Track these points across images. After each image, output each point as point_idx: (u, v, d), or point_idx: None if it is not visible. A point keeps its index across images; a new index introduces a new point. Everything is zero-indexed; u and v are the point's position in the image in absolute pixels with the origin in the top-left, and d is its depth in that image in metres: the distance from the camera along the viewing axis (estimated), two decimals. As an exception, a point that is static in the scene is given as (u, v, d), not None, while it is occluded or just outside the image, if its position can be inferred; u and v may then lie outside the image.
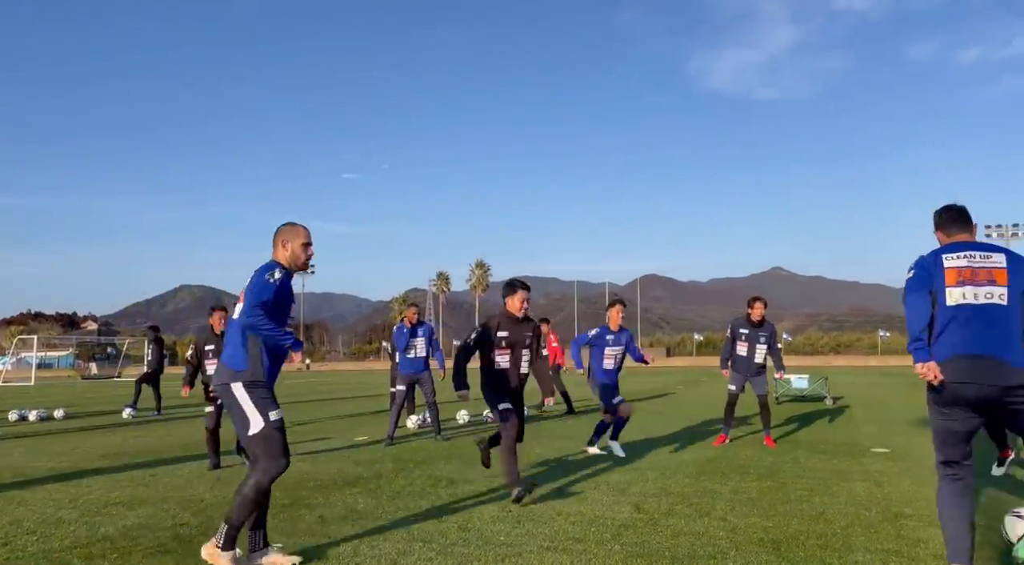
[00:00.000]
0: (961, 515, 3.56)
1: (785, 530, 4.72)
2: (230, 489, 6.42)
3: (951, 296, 3.57)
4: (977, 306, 3.54)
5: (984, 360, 3.47)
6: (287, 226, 4.37)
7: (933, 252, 3.79)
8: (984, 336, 3.51)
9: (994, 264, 3.61)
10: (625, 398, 8.44)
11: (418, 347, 9.82)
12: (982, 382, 3.46)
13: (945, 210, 3.97)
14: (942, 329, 3.57)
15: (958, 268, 3.60)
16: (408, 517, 5.25)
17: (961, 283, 3.57)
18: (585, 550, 4.32)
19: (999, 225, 70.29)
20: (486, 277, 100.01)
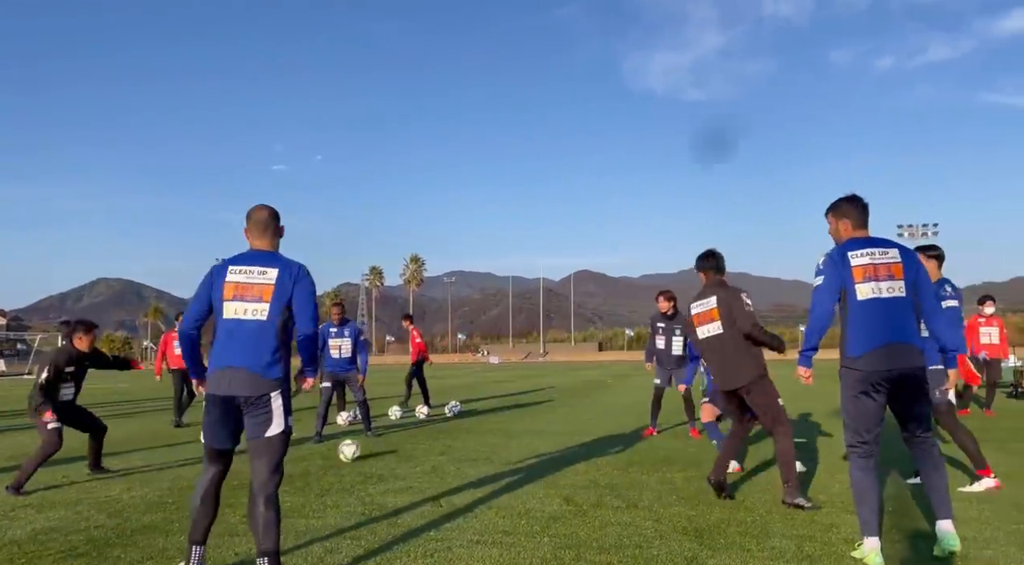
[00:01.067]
0: (875, 490, 3.87)
1: (707, 518, 4.88)
2: (148, 490, 6.19)
3: (860, 292, 3.90)
4: (883, 300, 3.87)
5: (897, 346, 3.84)
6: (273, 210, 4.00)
7: (839, 251, 4.03)
8: (893, 326, 3.85)
9: (891, 259, 3.95)
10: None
11: (343, 347, 9.66)
12: (896, 365, 3.82)
13: (854, 203, 4.13)
14: (856, 323, 3.89)
15: (863, 266, 3.92)
16: (336, 514, 5.18)
17: (866, 279, 3.90)
18: (515, 543, 4.36)
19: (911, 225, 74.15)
20: (420, 272, 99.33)
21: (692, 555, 4.07)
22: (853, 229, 4.10)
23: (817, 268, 4.06)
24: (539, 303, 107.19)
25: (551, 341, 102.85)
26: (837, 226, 4.17)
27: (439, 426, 10.78)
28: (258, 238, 3.86)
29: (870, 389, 3.84)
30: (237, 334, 3.64)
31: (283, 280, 3.71)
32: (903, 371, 3.83)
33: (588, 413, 12.55)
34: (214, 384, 3.66)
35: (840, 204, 4.17)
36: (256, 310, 3.66)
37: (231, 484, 6.30)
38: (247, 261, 3.76)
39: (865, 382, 3.84)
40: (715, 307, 4.05)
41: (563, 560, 4.02)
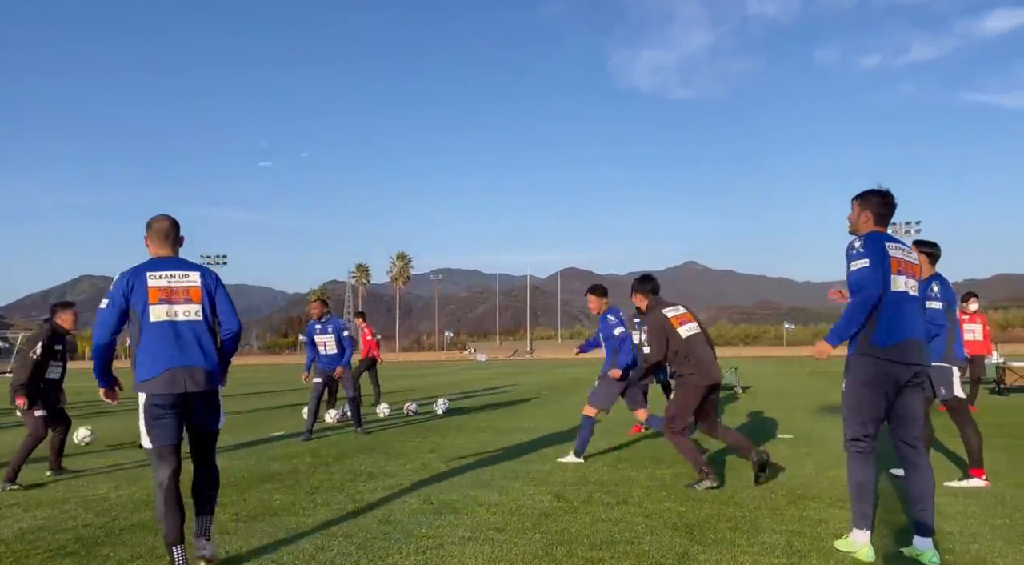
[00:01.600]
0: (873, 486, 3.89)
1: (697, 514, 4.91)
2: (135, 488, 6.15)
3: (896, 283, 3.89)
4: (909, 295, 3.94)
5: (917, 342, 3.90)
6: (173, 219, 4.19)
7: (881, 238, 3.95)
8: (915, 322, 3.92)
9: (914, 260, 4.07)
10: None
11: (327, 343, 9.57)
12: (915, 361, 3.86)
13: (887, 198, 4.07)
14: (887, 312, 3.85)
15: (896, 259, 3.93)
16: (326, 512, 5.16)
17: (899, 272, 3.92)
18: (506, 540, 4.37)
19: (894, 223, 74.51)
20: (407, 269, 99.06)
21: (683, 550, 4.09)
22: (874, 225, 4.07)
23: (857, 251, 3.90)
24: (526, 300, 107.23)
25: (538, 338, 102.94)
26: (859, 216, 4.11)
27: (428, 424, 10.77)
28: (160, 246, 4.05)
29: (886, 381, 3.81)
30: (183, 335, 3.86)
31: (206, 282, 4.00)
32: (918, 369, 3.87)
33: (576, 410, 12.57)
34: (165, 384, 3.80)
35: (870, 196, 4.09)
36: (189, 311, 3.90)
37: (220, 483, 6.28)
38: (165, 267, 3.96)
39: (884, 373, 3.80)
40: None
41: (555, 556, 4.03)
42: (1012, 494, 5.34)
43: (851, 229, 4.18)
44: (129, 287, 3.86)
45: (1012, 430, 8.92)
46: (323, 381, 9.61)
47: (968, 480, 5.69)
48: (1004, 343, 47.90)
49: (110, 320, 3.87)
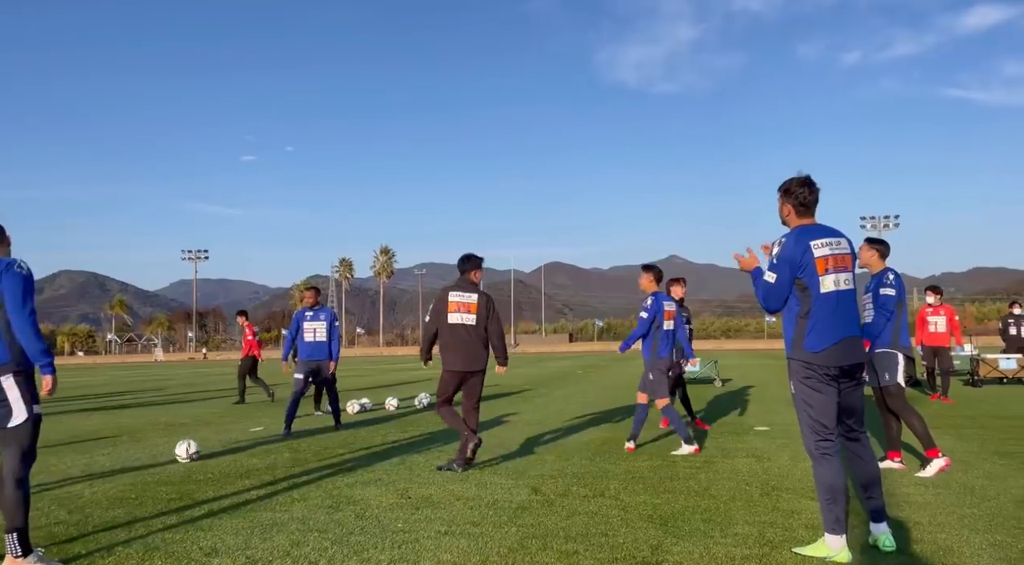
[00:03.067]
0: (844, 486, 3.74)
1: (673, 506, 4.95)
2: (111, 485, 6.10)
3: (824, 284, 3.81)
4: (840, 293, 3.86)
5: (852, 340, 3.86)
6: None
7: (799, 239, 3.84)
8: (848, 320, 3.87)
9: (844, 251, 3.93)
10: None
11: (317, 330, 9.45)
12: (851, 360, 3.84)
13: (809, 186, 3.94)
14: (817, 317, 3.80)
15: (824, 257, 3.83)
16: (303, 507, 5.15)
17: (828, 272, 3.83)
18: (482, 533, 4.38)
19: (872, 216, 75.59)
20: (391, 264, 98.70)
21: (657, 542, 4.13)
22: (799, 216, 3.97)
23: (771, 261, 3.87)
24: (510, 294, 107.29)
25: (522, 333, 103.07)
26: (783, 211, 4.03)
27: (408, 418, 10.76)
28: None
29: (829, 382, 3.80)
30: None
31: None
32: (855, 365, 3.87)
33: (558, 403, 12.63)
34: None
35: (791, 187, 3.97)
36: None
37: (197, 479, 6.25)
38: None
39: (823, 375, 3.79)
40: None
41: (530, 549, 4.05)
42: (982, 484, 5.43)
43: (785, 223, 4.07)
44: None
45: (984, 421, 9.08)
46: (306, 375, 9.47)
47: (929, 465, 5.80)
48: (980, 336, 48.57)
49: None
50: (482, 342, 6.55)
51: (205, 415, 12.22)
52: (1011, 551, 3.85)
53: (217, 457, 7.49)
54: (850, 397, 3.91)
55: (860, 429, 3.98)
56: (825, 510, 3.78)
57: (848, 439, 3.95)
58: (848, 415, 3.93)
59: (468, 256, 6.76)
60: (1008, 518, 4.48)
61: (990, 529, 4.25)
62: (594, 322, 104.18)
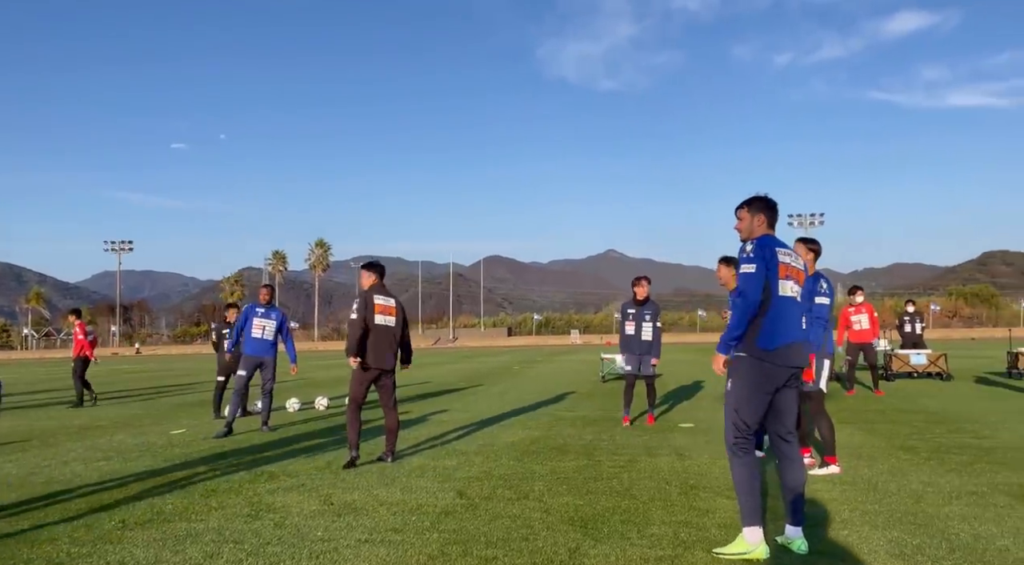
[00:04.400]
0: (759, 482, 4.01)
1: (594, 508, 5.04)
2: (16, 494, 5.81)
3: (783, 288, 4.06)
4: (794, 300, 4.11)
5: (800, 345, 4.09)
6: None
7: (770, 244, 4.09)
8: (798, 325, 4.11)
9: (799, 266, 4.25)
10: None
11: (267, 327, 9.45)
12: (797, 363, 4.06)
13: (771, 204, 4.28)
14: (773, 317, 3.99)
15: (785, 264, 4.10)
16: (220, 516, 5.02)
17: (787, 277, 4.08)
18: (403, 540, 4.37)
19: (799, 214, 78.30)
20: (327, 257, 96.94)
21: (575, 546, 4.19)
22: (767, 228, 4.24)
23: (747, 255, 4.05)
24: (449, 288, 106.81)
25: (461, 326, 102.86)
26: (752, 222, 4.25)
27: (339, 419, 10.60)
28: None
29: (769, 382, 3.96)
30: None
31: None
32: (798, 369, 4.08)
33: (491, 401, 12.66)
34: None
35: (759, 203, 4.28)
36: None
37: (110, 487, 6.01)
38: None
39: (768, 375, 3.95)
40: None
41: (450, 556, 4.06)
42: (884, 480, 5.72)
43: (744, 236, 4.27)
44: None
45: (893, 416, 9.54)
46: (249, 371, 9.40)
47: (826, 468, 6.05)
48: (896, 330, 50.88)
49: None
50: (397, 344, 7.04)
51: (124, 416, 11.77)
52: (906, 547, 4.06)
53: (134, 462, 7.22)
54: (785, 400, 4.09)
55: (792, 431, 4.15)
56: (743, 503, 3.96)
57: (781, 440, 4.12)
58: (782, 416, 4.10)
59: (380, 263, 7.25)
60: (906, 514, 4.72)
61: (888, 525, 4.48)
62: (532, 316, 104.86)
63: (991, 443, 7.24)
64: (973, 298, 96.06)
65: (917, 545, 4.09)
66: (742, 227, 4.31)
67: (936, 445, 7.21)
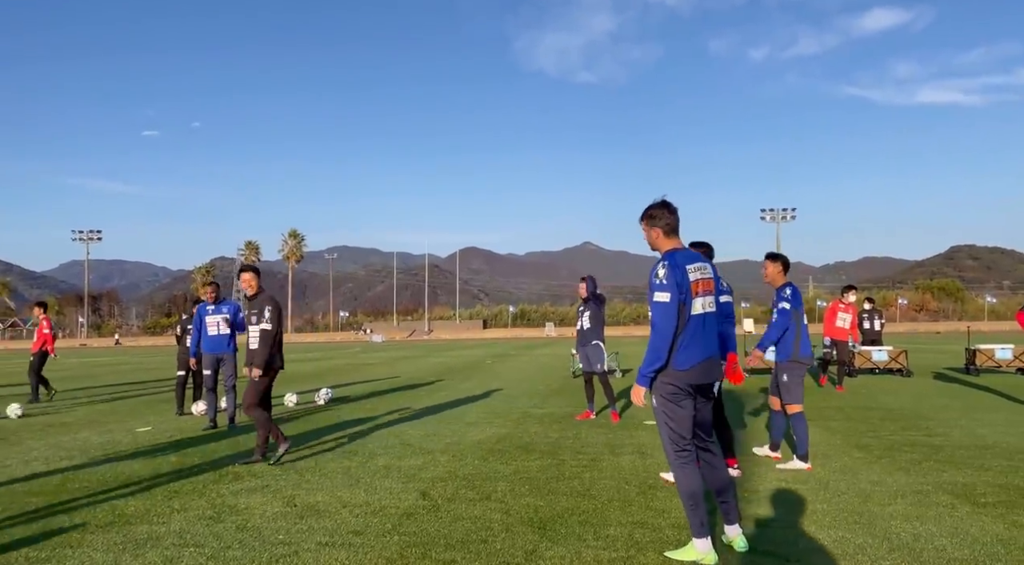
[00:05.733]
0: (702, 491, 4.00)
1: (554, 508, 5.14)
2: None
3: (695, 307, 4.07)
4: (705, 314, 4.13)
5: (712, 361, 4.15)
6: None
7: (679, 263, 4.06)
8: (710, 341, 4.16)
9: (708, 275, 4.21)
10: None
11: (220, 323, 9.48)
12: (710, 379, 4.14)
13: (672, 211, 4.16)
14: (686, 337, 4.02)
15: (695, 281, 4.09)
16: (182, 519, 5.05)
17: (698, 294, 4.09)
18: (364, 543, 4.44)
19: (772, 209, 79.25)
20: (300, 247, 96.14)
21: (532, 548, 4.29)
22: (668, 238, 4.18)
23: (660, 282, 4.00)
24: (424, 279, 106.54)
25: (436, 318, 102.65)
26: (651, 235, 4.23)
27: (308, 416, 10.61)
28: None
29: (689, 398, 4.06)
30: None
31: None
32: (711, 383, 4.16)
33: (461, 397, 12.73)
34: None
35: (654, 212, 4.17)
36: None
37: (71, 487, 5.99)
38: None
39: (686, 392, 4.04)
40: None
41: (409, 559, 4.14)
42: (835, 479, 5.90)
43: (651, 247, 4.29)
44: None
45: (851, 412, 9.78)
46: (212, 369, 9.46)
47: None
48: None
49: None
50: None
51: (90, 413, 11.66)
52: (848, 547, 4.22)
53: (96, 462, 7.19)
54: (703, 411, 4.22)
55: (710, 439, 4.29)
56: (690, 515, 4.03)
57: (700, 449, 4.22)
58: (700, 428, 4.22)
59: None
60: (852, 513, 4.90)
61: (834, 525, 4.64)
62: (508, 308, 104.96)
63: (941, 441, 7.49)
64: (939, 292, 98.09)
65: (859, 545, 4.26)
66: (647, 240, 4.28)
67: (889, 443, 7.43)
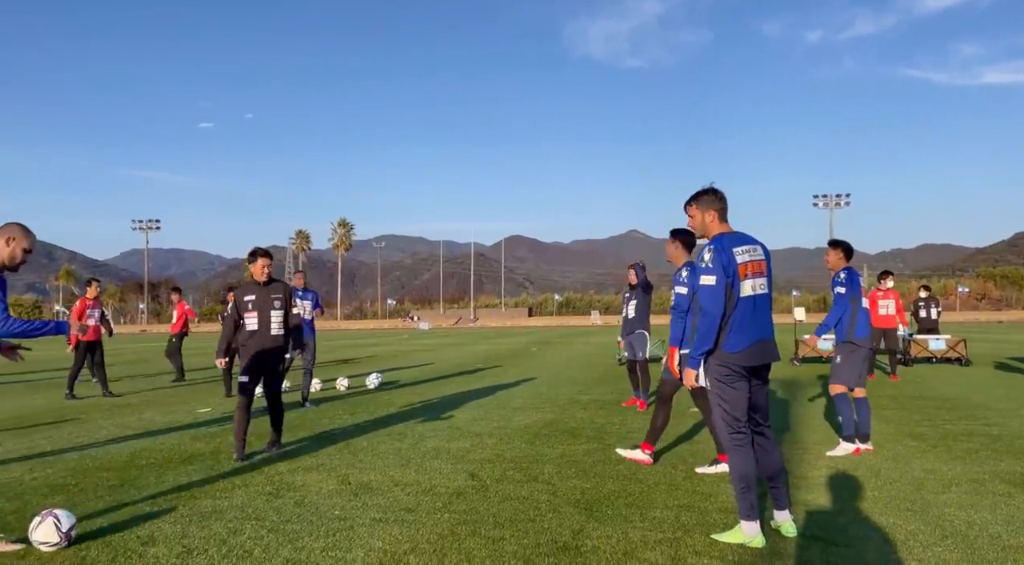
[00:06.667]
0: (755, 475, 4.06)
1: (600, 491, 5.22)
2: (52, 470, 6.12)
3: (744, 289, 4.09)
4: (757, 297, 4.13)
5: (765, 342, 4.14)
6: (17, 226, 4.32)
7: (726, 246, 4.10)
8: (763, 323, 4.15)
9: (760, 257, 4.20)
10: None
11: (306, 310, 10.14)
12: (763, 360, 4.14)
13: (719, 196, 4.21)
14: (737, 319, 4.06)
15: (744, 263, 4.11)
16: (243, 494, 5.28)
17: (747, 277, 4.11)
18: (416, 520, 4.58)
19: (824, 195, 77.23)
20: (349, 236, 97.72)
21: (579, 527, 4.38)
22: (720, 222, 4.24)
23: (706, 266, 4.06)
24: (470, 268, 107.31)
25: (482, 306, 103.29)
26: (703, 218, 4.26)
27: (358, 399, 10.88)
28: None
29: (743, 380, 4.09)
30: None
31: None
32: (765, 365, 4.17)
33: (508, 383, 12.87)
34: None
35: (706, 196, 4.22)
36: None
37: (140, 464, 6.31)
38: None
39: (738, 374, 4.07)
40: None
41: (459, 535, 4.26)
42: (887, 466, 5.82)
43: (699, 234, 4.33)
44: None
45: (904, 402, 9.59)
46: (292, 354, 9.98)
47: (718, 465, 5.67)
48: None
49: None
50: None
51: (153, 395, 12.17)
52: (899, 533, 4.19)
53: (161, 440, 7.53)
54: (758, 395, 4.21)
55: (765, 423, 4.27)
56: (740, 498, 4.05)
57: (755, 433, 4.23)
58: (756, 410, 4.22)
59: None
60: (904, 501, 4.84)
61: (886, 512, 4.60)
62: (553, 297, 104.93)
63: (999, 431, 7.30)
64: (1003, 280, 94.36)
65: (911, 531, 4.22)
66: (695, 224, 4.32)
67: (944, 432, 7.28)
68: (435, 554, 3.96)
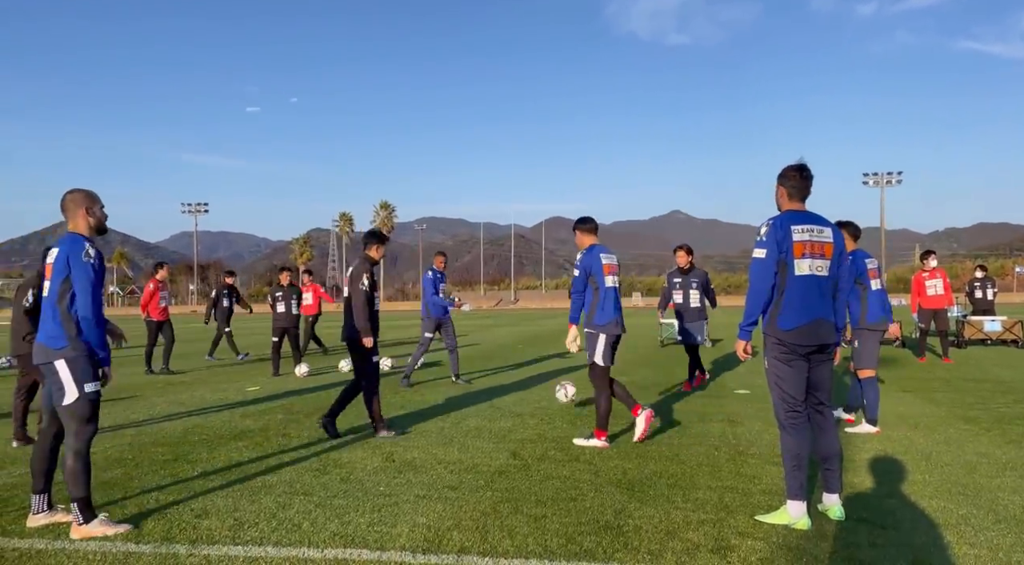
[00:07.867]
0: (807, 456, 4.04)
1: (642, 471, 5.21)
2: (109, 444, 6.35)
3: (799, 267, 4.05)
4: (815, 277, 4.07)
5: (822, 322, 4.08)
6: (80, 193, 4.27)
7: (783, 223, 4.08)
8: (820, 303, 4.09)
9: (826, 239, 4.13)
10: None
11: (444, 292, 10.55)
12: (819, 341, 4.08)
13: (801, 172, 4.18)
14: (790, 297, 4.03)
15: (802, 242, 4.06)
16: (292, 470, 5.42)
17: (804, 256, 4.06)
18: (459, 497, 4.64)
19: (875, 173, 75.13)
20: (391, 218, 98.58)
21: (621, 507, 4.38)
22: (790, 200, 4.20)
23: (759, 239, 4.10)
24: (511, 249, 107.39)
25: (522, 288, 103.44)
26: (777, 193, 4.26)
27: (398, 379, 11.01)
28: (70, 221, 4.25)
29: (798, 359, 4.05)
30: (42, 309, 4.15)
31: (59, 258, 4.10)
32: (822, 345, 4.09)
33: (549, 364, 12.90)
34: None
35: (784, 173, 4.23)
36: (45, 288, 4.15)
37: (192, 440, 6.52)
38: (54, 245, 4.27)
39: (794, 353, 4.03)
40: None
41: (501, 513, 4.31)
42: (938, 450, 5.69)
43: (778, 207, 4.30)
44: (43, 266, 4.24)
45: (958, 384, 9.32)
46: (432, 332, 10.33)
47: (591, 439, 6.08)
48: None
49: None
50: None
51: (204, 373, 12.53)
52: (950, 517, 4.10)
53: (212, 417, 7.77)
54: (819, 372, 4.15)
55: (826, 403, 4.21)
56: (790, 477, 4.03)
57: (814, 411, 4.19)
58: (816, 389, 4.17)
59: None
60: (956, 484, 4.73)
61: (936, 495, 4.50)
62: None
63: (1059, 415, 7.05)
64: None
65: (963, 515, 4.12)
66: (775, 196, 4.32)
67: (999, 416, 7.06)
68: (478, 531, 4.01)
